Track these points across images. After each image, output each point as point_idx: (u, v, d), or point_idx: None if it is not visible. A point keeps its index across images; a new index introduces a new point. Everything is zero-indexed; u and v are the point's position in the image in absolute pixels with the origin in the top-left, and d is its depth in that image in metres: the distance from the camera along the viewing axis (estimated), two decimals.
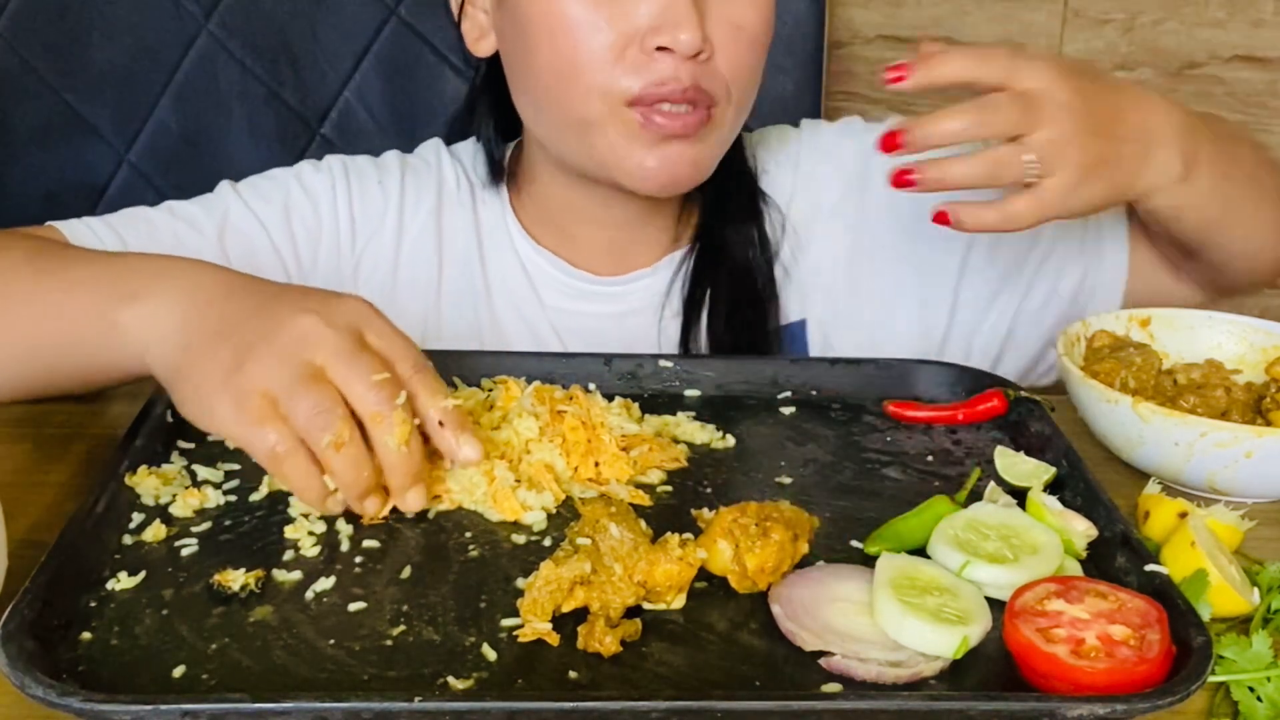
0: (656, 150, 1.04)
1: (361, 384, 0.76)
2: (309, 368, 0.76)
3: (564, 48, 1.03)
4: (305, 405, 0.75)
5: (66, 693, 0.62)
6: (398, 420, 0.76)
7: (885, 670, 0.67)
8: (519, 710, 0.63)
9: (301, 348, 0.76)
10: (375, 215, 1.20)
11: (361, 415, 0.76)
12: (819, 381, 1.03)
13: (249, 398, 0.76)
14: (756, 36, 1.06)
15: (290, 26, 1.54)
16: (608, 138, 1.05)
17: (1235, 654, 0.72)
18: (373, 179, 1.21)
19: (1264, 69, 2.17)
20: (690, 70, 1.02)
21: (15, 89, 1.53)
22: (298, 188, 1.19)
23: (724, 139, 1.09)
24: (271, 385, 0.76)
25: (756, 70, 1.08)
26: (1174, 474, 0.93)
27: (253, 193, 1.18)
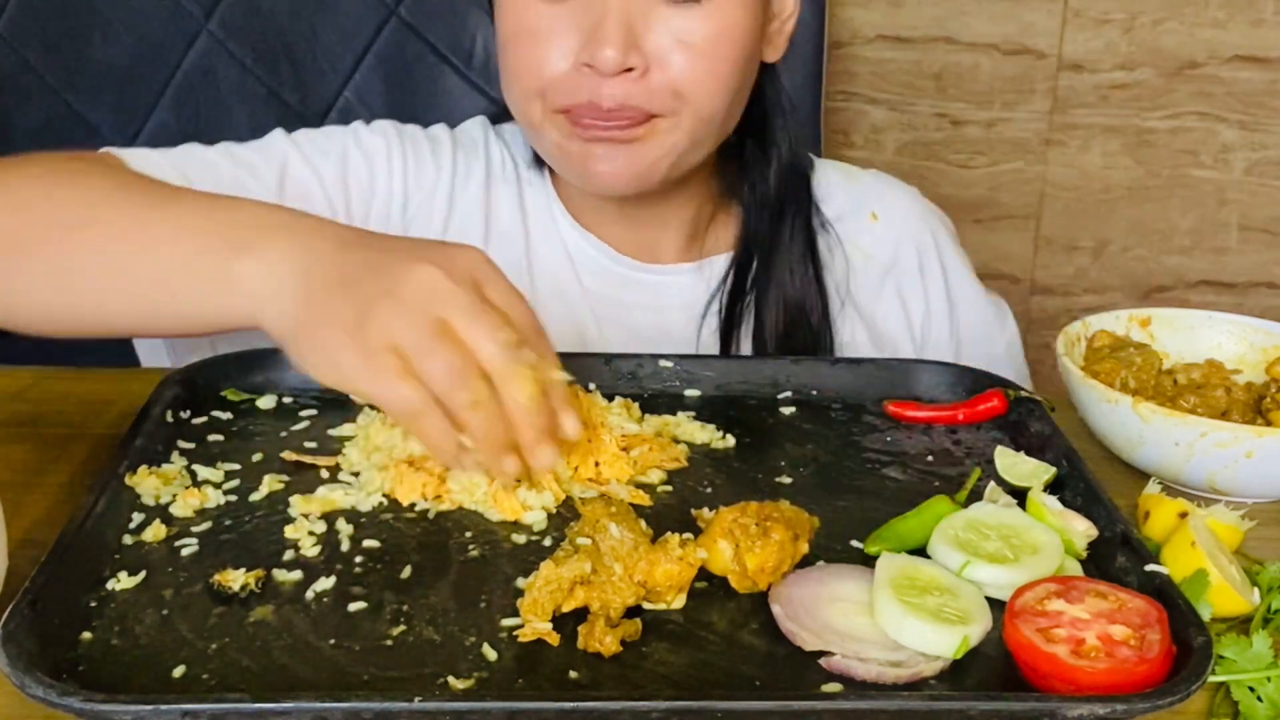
0: (594, 150, 1.07)
1: (490, 341, 0.75)
2: (437, 323, 0.74)
3: (513, 54, 1.09)
4: (439, 364, 0.74)
5: (66, 693, 0.62)
6: (526, 376, 0.75)
7: (885, 670, 0.67)
8: (519, 710, 0.63)
9: (427, 301, 0.75)
10: (428, 186, 1.20)
11: (490, 372, 0.75)
12: (819, 381, 1.02)
13: (378, 354, 0.74)
14: (709, 49, 1.06)
15: (290, 26, 1.54)
16: (550, 139, 1.10)
17: (1235, 654, 0.72)
18: (426, 149, 1.21)
19: (1264, 69, 2.17)
20: (618, 89, 1.04)
21: (15, 89, 1.53)
22: (354, 147, 1.18)
23: (677, 146, 1.09)
24: (401, 340, 0.74)
25: (719, 81, 1.08)
26: (1174, 474, 0.93)
27: (310, 145, 1.17)
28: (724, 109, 1.10)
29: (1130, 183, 2.24)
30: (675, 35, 1.05)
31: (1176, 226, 2.27)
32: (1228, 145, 2.22)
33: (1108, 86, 2.18)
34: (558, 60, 1.06)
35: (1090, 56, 2.16)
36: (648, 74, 1.05)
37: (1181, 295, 2.29)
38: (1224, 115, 2.19)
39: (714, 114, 1.10)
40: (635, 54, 1.03)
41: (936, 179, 2.22)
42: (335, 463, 0.88)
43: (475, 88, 1.57)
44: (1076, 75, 2.17)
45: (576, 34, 1.05)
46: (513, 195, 1.22)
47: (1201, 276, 2.30)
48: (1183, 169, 2.23)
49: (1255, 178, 2.24)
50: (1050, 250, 2.29)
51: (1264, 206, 2.25)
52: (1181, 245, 2.28)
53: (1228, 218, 2.26)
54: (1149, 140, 2.21)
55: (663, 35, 1.05)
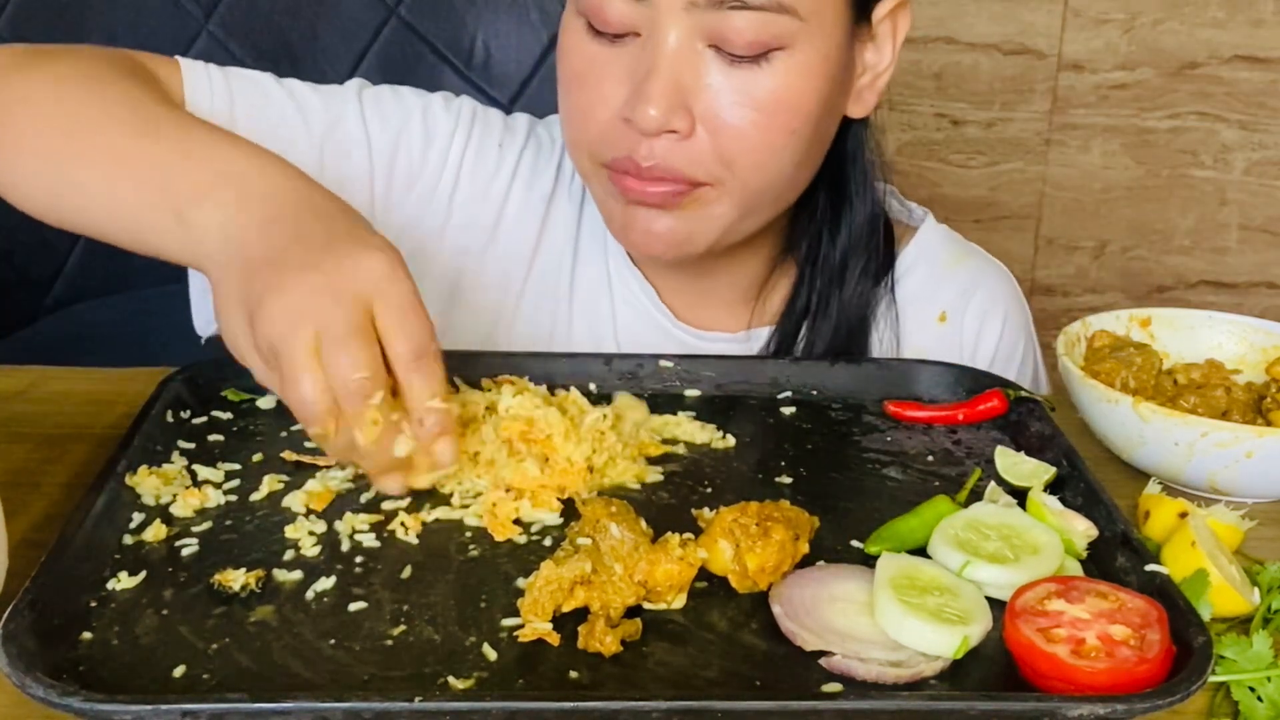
0: (635, 213, 1.01)
1: (342, 376, 0.75)
2: (304, 347, 0.75)
3: (565, 98, 1.02)
4: (296, 395, 0.76)
5: (67, 693, 0.62)
6: (368, 419, 0.76)
7: (885, 670, 0.67)
8: (519, 710, 0.63)
9: (304, 315, 0.76)
10: (484, 176, 1.14)
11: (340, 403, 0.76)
12: (819, 381, 1.02)
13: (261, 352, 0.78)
14: (765, 117, 0.96)
15: (290, 26, 1.54)
16: (595, 191, 1.05)
17: (1235, 654, 0.72)
18: (495, 138, 1.15)
19: (1264, 69, 2.17)
20: (658, 148, 0.97)
21: None
22: (419, 119, 1.13)
23: (721, 219, 1.01)
24: (275, 349, 0.76)
25: (772, 152, 0.99)
26: (1174, 474, 0.93)
27: (374, 107, 1.12)
28: (780, 180, 1.01)
29: (1130, 183, 2.24)
30: (729, 98, 0.96)
31: (1176, 226, 2.27)
32: (1228, 145, 2.22)
33: (1108, 86, 2.19)
34: (602, 110, 0.98)
35: (1090, 56, 2.16)
36: (692, 138, 0.96)
37: (1181, 295, 2.29)
38: (1224, 115, 2.19)
39: (766, 186, 1.01)
40: (681, 115, 0.95)
41: (936, 179, 2.22)
42: (335, 462, 0.88)
43: (475, 88, 1.57)
44: (1076, 75, 2.17)
45: (626, 82, 0.97)
46: (572, 215, 1.16)
47: (1201, 276, 2.30)
48: (1183, 169, 2.23)
49: (1255, 178, 2.24)
50: (1050, 250, 2.29)
51: (1264, 206, 2.26)
52: (1181, 245, 2.29)
53: (1228, 218, 2.27)
54: (1149, 140, 2.22)
55: (715, 96, 0.96)
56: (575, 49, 0.99)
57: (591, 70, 0.98)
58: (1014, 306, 1.20)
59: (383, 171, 1.11)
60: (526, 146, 1.16)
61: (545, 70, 1.57)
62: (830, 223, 1.12)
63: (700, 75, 0.95)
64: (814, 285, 1.12)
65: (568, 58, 1.01)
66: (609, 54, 0.97)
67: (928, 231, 1.19)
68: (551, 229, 1.16)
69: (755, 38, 0.94)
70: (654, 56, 0.95)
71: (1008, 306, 1.19)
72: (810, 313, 1.13)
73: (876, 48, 1.04)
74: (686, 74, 0.95)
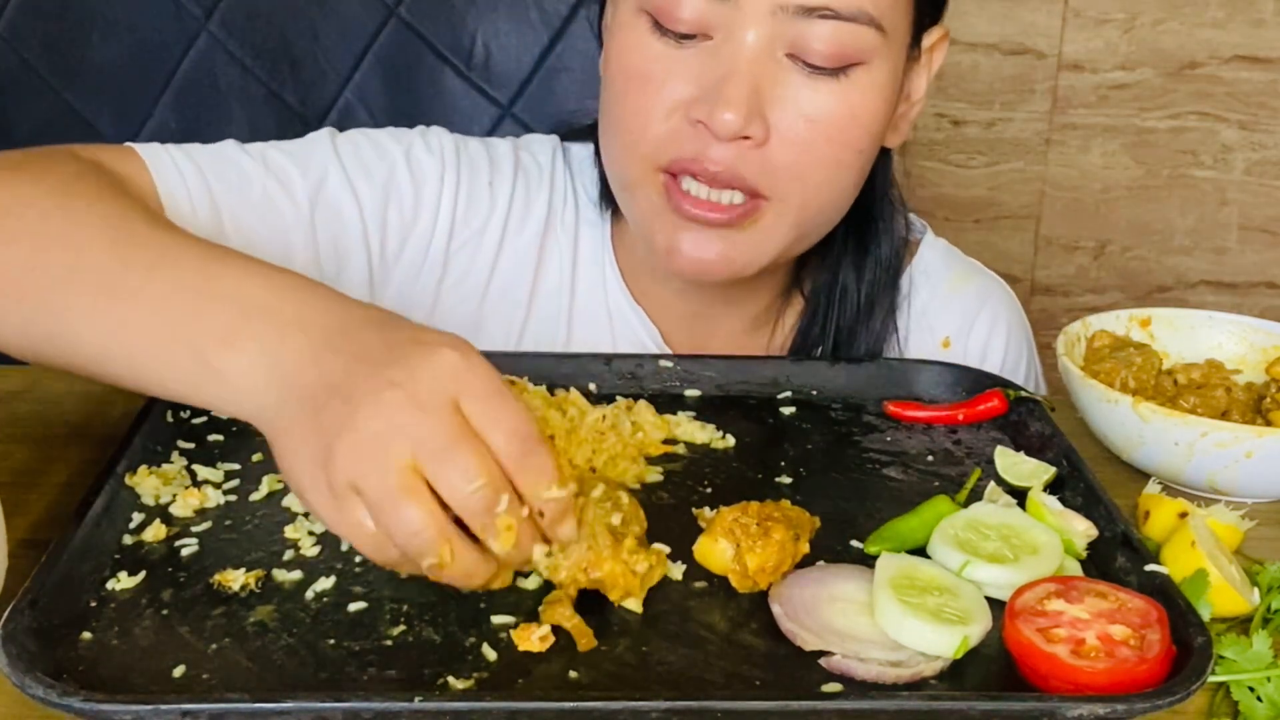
0: (684, 232, 0.97)
1: (459, 491, 0.65)
2: (400, 473, 0.65)
3: (618, 97, 0.98)
4: (400, 528, 0.65)
5: (66, 693, 0.62)
6: (502, 527, 0.67)
7: (885, 670, 0.67)
8: (519, 710, 0.63)
9: (389, 442, 0.65)
10: (478, 221, 1.09)
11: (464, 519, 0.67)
12: (819, 381, 1.02)
13: (343, 497, 0.66)
14: (838, 131, 0.94)
15: (290, 26, 1.54)
16: (640, 203, 0.99)
17: (1235, 654, 0.72)
18: (484, 178, 1.10)
19: (1264, 69, 2.17)
20: (730, 153, 0.93)
21: (15, 89, 1.53)
22: (404, 168, 1.07)
23: (777, 240, 0.99)
24: (363, 489, 0.65)
25: (840, 169, 0.97)
26: (1174, 474, 0.93)
27: (355, 162, 1.05)
28: (836, 201, 1.00)
29: (1130, 183, 2.24)
30: (804, 110, 0.93)
31: (1176, 226, 2.27)
32: (1228, 145, 2.22)
33: (1108, 86, 2.18)
34: (668, 111, 0.94)
35: (1090, 56, 2.16)
36: (765, 146, 0.93)
37: (1181, 295, 2.29)
38: (1224, 115, 2.19)
39: (826, 205, 0.99)
40: (757, 122, 0.92)
41: (936, 179, 2.22)
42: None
43: (475, 88, 1.56)
44: (1076, 75, 2.17)
45: (694, 85, 0.93)
46: (568, 245, 1.11)
47: (1201, 276, 2.30)
48: (1183, 169, 2.23)
49: (1255, 178, 2.24)
50: (1050, 250, 2.29)
51: (1264, 206, 2.25)
52: (1181, 245, 2.28)
53: (1228, 218, 2.27)
54: (1149, 140, 2.21)
55: (792, 106, 0.93)
56: (637, 47, 0.95)
57: (656, 69, 0.94)
58: (1016, 325, 1.19)
59: (375, 228, 1.05)
60: (516, 180, 1.11)
61: (545, 70, 1.57)
62: (855, 255, 1.09)
63: (778, 83, 0.93)
64: (831, 317, 1.10)
65: (627, 56, 0.96)
66: (676, 54, 0.94)
67: (929, 249, 1.18)
68: (547, 267, 1.12)
69: (838, 49, 0.92)
70: (732, 59, 0.92)
71: (1010, 326, 1.18)
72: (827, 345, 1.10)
73: (917, 77, 1.03)
74: (765, 80, 0.92)
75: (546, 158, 1.14)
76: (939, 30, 1.03)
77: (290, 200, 1.01)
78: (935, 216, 2.27)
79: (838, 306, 1.10)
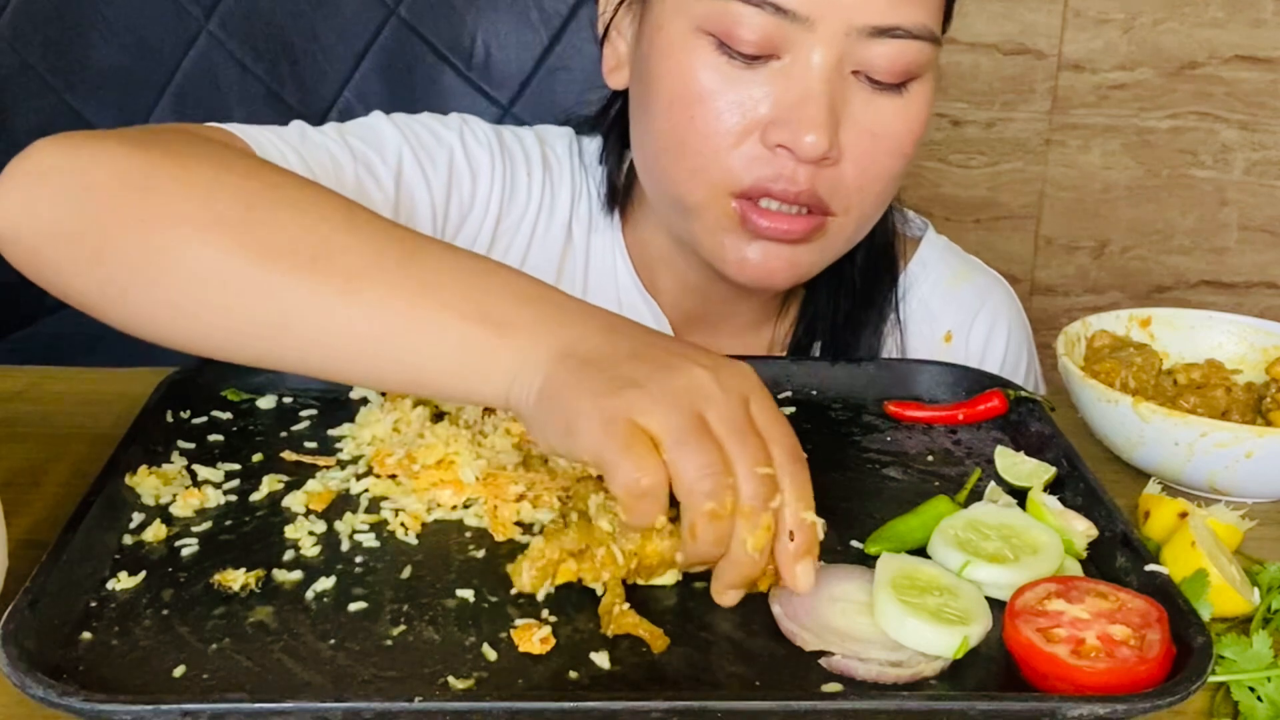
0: (757, 247, 0.97)
1: (746, 468, 0.68)
2: (701, 421, 0.67)
3: (680, 120, 0.95)
4: (697, 461, 0.66)
5: (66, 693, 0.62)
6: (764, 525, 0.69)
7: (885, 670, 0.67)
8: (519, 710, 0.63)
9: (694, 399, 0.68)
10: (517, 212, 1.10)
11: (739, 501, 0.68)
12: (819, 381, 1.02)
13: (617, 422, 0.66)
14: (897, 148, 0.96)
15: (290, 26, 1.54)
16: (704, 223, 0.99)
17: (1235, 654, 0.72)
18: (522, 168, 1.11)
19: (1264, 69, 2.17)
20: (808, 174, 0.93)
21: (15, 89, 1.53)
22: (461, 155, 1.07)
23: (835, 249, 1.01)
24: (653, 423, 0.67)
25: (894, 181, 0.99)
26: (1174, 474, 0.93)
27: (421, 149, 1.05)
28: (881, 209, 1.02)
29: (1130, 183, 2.25)
30: (869, 126, 0.94)
31: (1176, 226, 2.27)
32: (1228, 145, 2.22)
33: (1108, 86, 2.19)
34: (743, 135, 0.93)
35: (1090, 56, 2.16)
36: (839, 165, 0.94)
37: (1181, 295, 2.29)
38: (1224, 115, 2.20)
39: (874, 215, 1.01)
40: (835, 142, 0.93)
41: (936, 179, 2.22)
42: (335, 462, 0.88)
43: (475, 88, 1.57)
44: (1076, 75, 2.17)
45: (769, 107, 0.93)
46: (582, 238, 1.12)
47: (1201, 276, 2.30)
48: (1183, 169, 2.23)
49: (1255, 178, 2.24)
50: (1050, 250, 2.29)
51: (1264, 206, 2.26)
52: (1181, 245, 2.28)
53: (1228, 218, 2.27)
54: (1149, 140, 2.22)
55: (858, 124, 0.94)
56: (702, 68, 0.93)
57: (725, 93, 0.93)
58: (1016, 323, 1.20)
59: (441, 214, 1.06)
60: (545, 172, 1.12)
61: (545, 70, 1.57)
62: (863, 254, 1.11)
63: (847, 102, 0.93)
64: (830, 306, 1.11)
65: (690, 78, 0.94)
66: (745, 75, 0.93)
67: (929, 246, 1.18)
68: (572, 259, 1.12)
69: (903, 66, 0.93)
70: (806, 80, 0.92)
71: (1010, 324, 1.19)
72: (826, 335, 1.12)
73: None
74: (838, 100, 0.93)
75: (564, 150, 1.15)
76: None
77: (378, 186, 1.01)
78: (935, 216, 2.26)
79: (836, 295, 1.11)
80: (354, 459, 0.88)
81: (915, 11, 0.92)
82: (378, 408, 0.92)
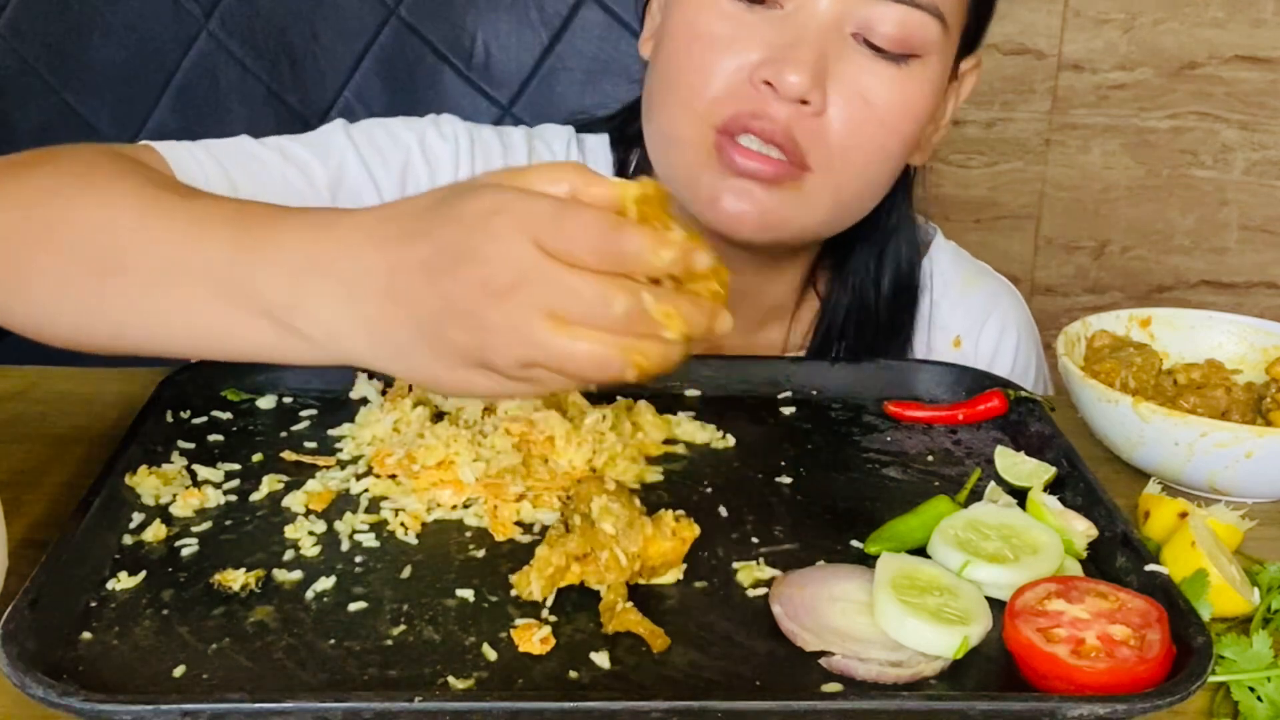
0: (729, 185, 0.97)
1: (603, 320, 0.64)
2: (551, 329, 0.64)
3: (680, 57, 0.98)
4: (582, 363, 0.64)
5: (66, 693, 0.62)
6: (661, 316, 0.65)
7: (885, 670, 0.67)
8: (519, 710, 0.63)
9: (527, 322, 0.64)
10: None
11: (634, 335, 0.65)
12: (819, 381, 1.02)
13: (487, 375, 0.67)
14: (889, 116, 0.96)
15: (290, 26, 1.54)
16: (685, 157, 1.00)
17: (1235, 654, 0.72)
18: (498, 162, 1.11)
19: (1264, 69, 2.17)
20: (789, 113, 0.94)
21: (15, 89, 1.53)
22: (419, 153, 1.09)
23: (811, 212, 1.00)
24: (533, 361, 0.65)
25: (883, 154, 0.99)
26: (1174, 474, 0.93)
27: (370, 148, 1.07)
28: (869, 191, 1.01)
29: (1130, 183, 2.24)
30: (861, 89, 0.95)
31: (1176, 226, 2.27)
32: (1228, 145, 2.22)
33: (1108, 86, 2.18)
34: (733, 71, 0.96)
35: (1090, 56, 2.16)
36: (821, 117, 0.95)
37: (1181, 295, 2.29)
38: (1224, 115, 2.19)
39: (862, 192, 1.01)
40: (818, 90, 0.94)
41: (936, 179, 2.21)
42: (335, 462, 0.88)
43: (475, 88, 1.57)
44: (1076, 75, 2.17)
45: (763, 48, 0.95)
46: None
47: (1201, 276, 2.30)
48: (1183, 169, 2.23)
49: (1255, 178, 2.24)
50: (1050, 250, 2.29)
51: (1264, 206, 2.25)
52: (1181, 245, 2.28)
53: (1228, 218, 2.27)
54: (1149, 140, 2.21)
55: (852, 83, 0.95)
56: (707, 9, 0.97)
57: (725, 31, 0.96)
58: (1025, 328, 1.21)
59: None
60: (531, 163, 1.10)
61: (545, 70, 1.57)
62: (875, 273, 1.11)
63: (841, 59, 0.95)
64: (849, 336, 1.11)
65: (696, 17, 0.97)
66: (747, 18, 0.95)
67: (939, 251, 1.19)
68: None
69: (904, 34, 0.95)
70: (802, 27, 0.94)
71: (1020, 329, 1.20)
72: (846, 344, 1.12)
73: (947, 99, 1.05)
74: (830, 53, 0.94)
75: (561, 146, 1.15)
76: (973, 59, 1.06)
77: (310, 186, 1.03)
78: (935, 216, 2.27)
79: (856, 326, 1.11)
80: (354, 459, 0.88)
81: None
82: (378, 408, 0.92)
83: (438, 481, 0.84)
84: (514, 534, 0.80)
